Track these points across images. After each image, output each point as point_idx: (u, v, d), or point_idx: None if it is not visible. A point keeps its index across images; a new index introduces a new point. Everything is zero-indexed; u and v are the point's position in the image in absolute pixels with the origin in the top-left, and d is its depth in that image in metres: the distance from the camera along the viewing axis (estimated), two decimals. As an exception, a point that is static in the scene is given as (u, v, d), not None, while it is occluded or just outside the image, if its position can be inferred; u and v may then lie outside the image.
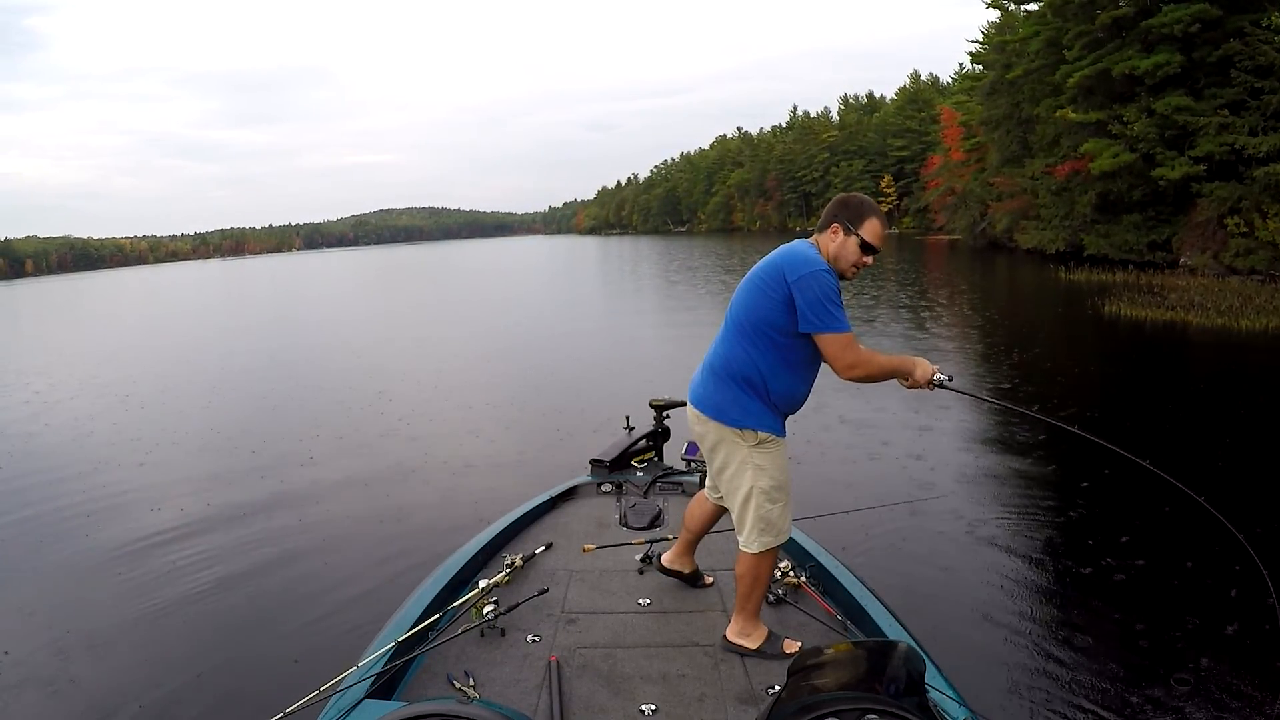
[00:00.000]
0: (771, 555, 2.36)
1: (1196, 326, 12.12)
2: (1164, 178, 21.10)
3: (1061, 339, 12.41)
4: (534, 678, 2.21)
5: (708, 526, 2.70)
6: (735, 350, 2.32)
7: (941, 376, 2.32)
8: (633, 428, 4.05)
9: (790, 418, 2.42)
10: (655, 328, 15.72)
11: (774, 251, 2.31)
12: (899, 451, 6.58)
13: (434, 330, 17.63)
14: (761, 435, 2.31)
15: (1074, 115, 24.31)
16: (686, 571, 2.77)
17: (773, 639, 2.34)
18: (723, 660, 2.31)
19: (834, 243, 2.28)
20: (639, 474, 3.82)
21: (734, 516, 2.40)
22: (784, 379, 2.30)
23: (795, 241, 2.32)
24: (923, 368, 2.30)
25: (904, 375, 2.31)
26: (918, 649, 1.65)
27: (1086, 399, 8.32)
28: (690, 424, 2.49)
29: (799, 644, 2.32)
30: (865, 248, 2.27)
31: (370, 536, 5.27)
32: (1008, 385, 8.94)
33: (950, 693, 1.97)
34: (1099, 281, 18.20)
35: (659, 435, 4.06)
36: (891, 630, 2.32)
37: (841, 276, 2.28)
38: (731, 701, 2.10)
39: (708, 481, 2.62)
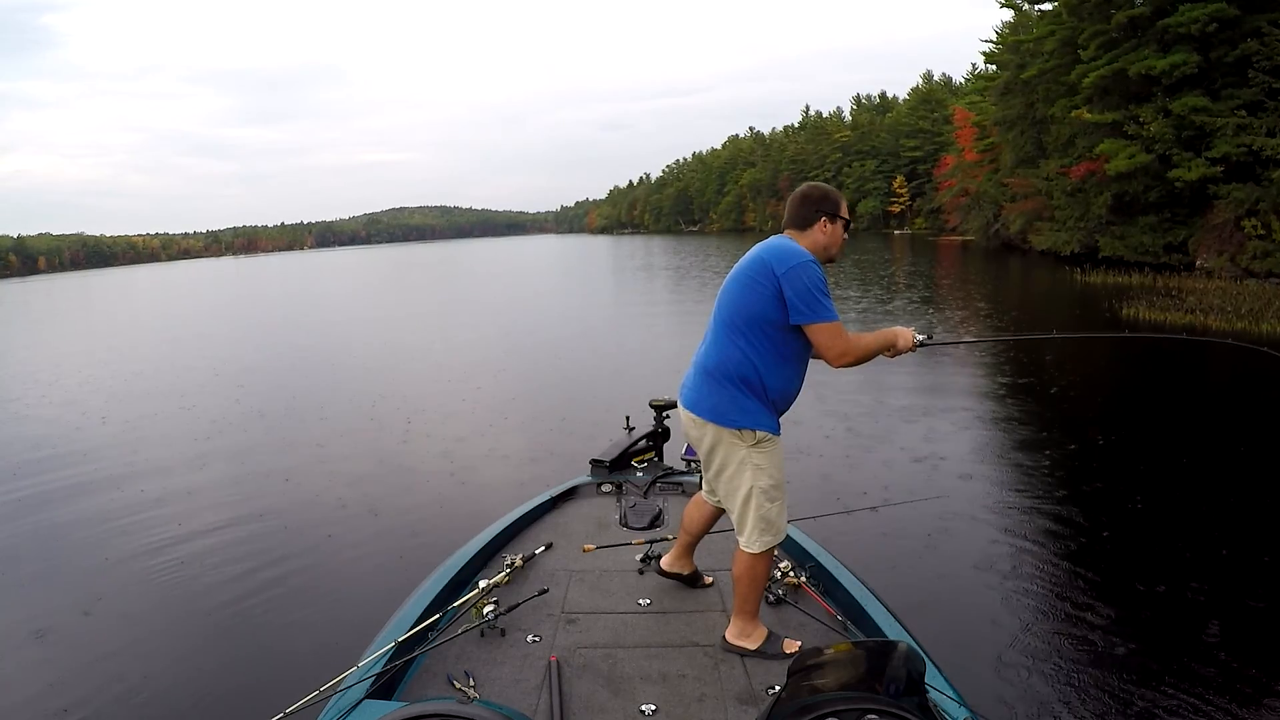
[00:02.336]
0: (770, 555, 2.35)
1: (1217, 330, 11.97)
2: (1180, 179, 20.91)
3: (1079, 341, 12.28)
4: (534, 678, 2.21)
5: (706, 528, 2.69)
6: (729, 349, 2.31)
7: (920, 337, 2.40)
8: (633, 428, 4.04)
9: (788, 416, 2.41)
10: (662, 329, 15.69)
11: (756, 247, 2.34)
12: (899, 451, 6.55)
13: (438, 330, 17.64)
14: (760, 435, 2.30)
15: (1089, 115, 24.13)
16: (686, 573, 2.76)
17: (773, 639, 2.33)
18: (723, 660, 2.29)
19: (825, 234, 2.37)
20: (639, 474, 3.81)
21: (734, 517, 2.39)
22: (780, 374, 2.30)
23: (774, 237, 2.36)
24: (904, 336, 2.37)
25: (889, 348, 2.36)
26: (918, 649, 1.64)
27: (1107, 400, 8.25)
28: (685, 428, 2.48)
29: (799, 644, 2.31)
30: (846, 225, 2.42)
31: (370, 536, 5.28)
32: (1021, 385, 8.88)
33: (950, 693, 1.96)
34: (1115, 284, 18.02)
35: (659, 435, 4.05)
36: (891, 630, 2.31)
37: (830, 260, 2.37)
38: (731, 701, 2.09)
39: (704, 484, 2.60)
